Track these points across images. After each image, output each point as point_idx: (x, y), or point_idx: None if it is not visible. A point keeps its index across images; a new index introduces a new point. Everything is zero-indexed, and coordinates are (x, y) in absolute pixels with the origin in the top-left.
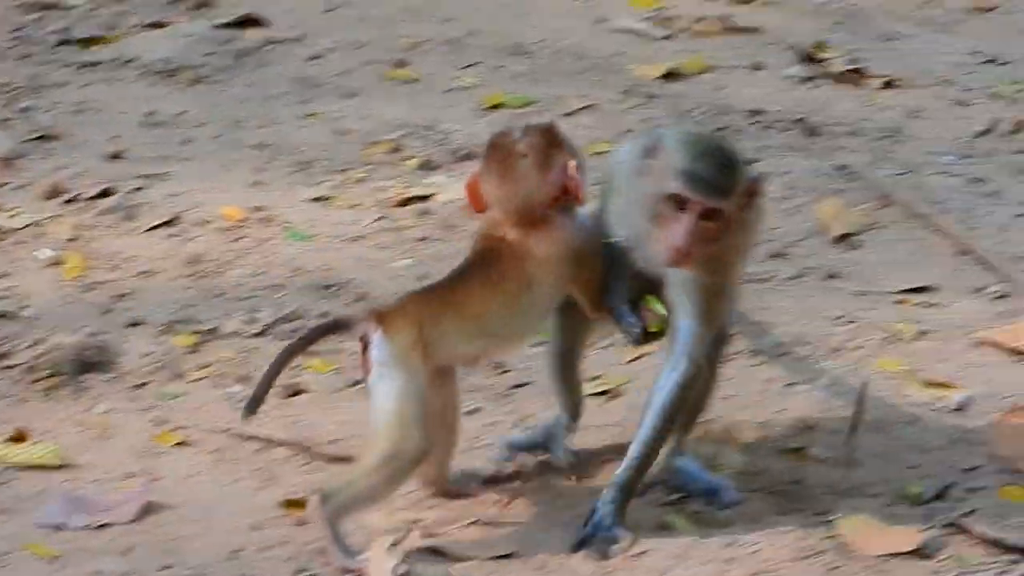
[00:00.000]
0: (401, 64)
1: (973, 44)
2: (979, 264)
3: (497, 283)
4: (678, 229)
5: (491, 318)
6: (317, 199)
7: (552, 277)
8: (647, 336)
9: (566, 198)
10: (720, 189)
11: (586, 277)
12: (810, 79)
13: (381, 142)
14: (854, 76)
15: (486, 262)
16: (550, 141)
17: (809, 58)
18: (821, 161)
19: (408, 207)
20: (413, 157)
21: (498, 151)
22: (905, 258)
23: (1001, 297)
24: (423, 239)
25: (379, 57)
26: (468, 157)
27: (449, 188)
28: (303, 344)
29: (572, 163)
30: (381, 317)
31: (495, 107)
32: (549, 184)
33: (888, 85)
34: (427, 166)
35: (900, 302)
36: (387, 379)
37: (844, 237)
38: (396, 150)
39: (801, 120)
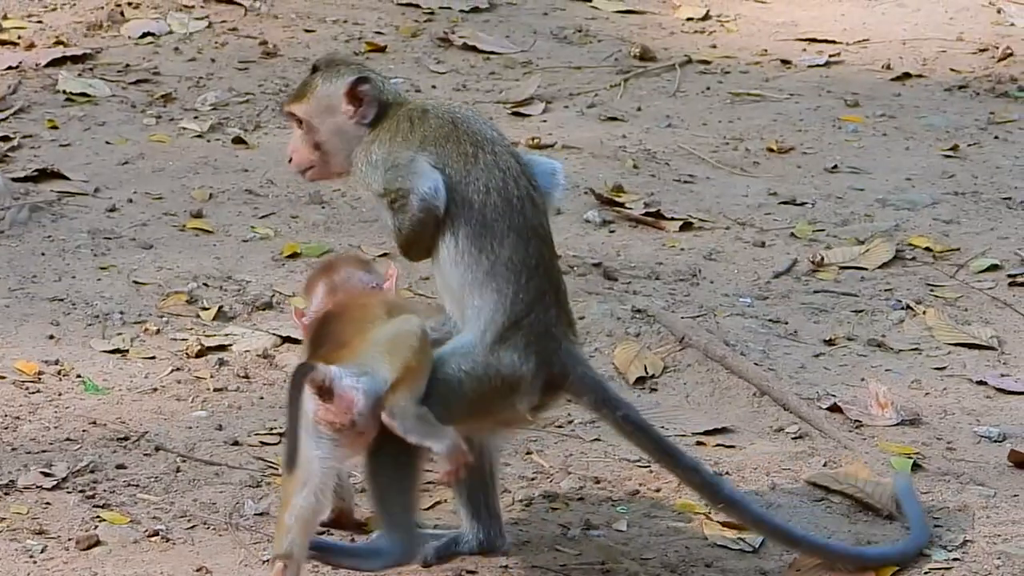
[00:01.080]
0: (198, 215)
1: (770, 185)
2: (777, 405)
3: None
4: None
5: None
6: (113, 351)
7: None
8: None
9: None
10: (291, 95)
11: None
12: (608, 222)
13: (177, 293)
14: (652, 219)
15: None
16: (317, 276)
17: (607, 201)
18: (618, 304)
19: (204, 358)
20: (209, 308)
21: (328, 268)
22: (703, 400)
23: (799, 437)
24: (220, 390)
25: (176, 208)
26: (266, 306)
27: (246, 338)
28: (296, 394)
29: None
30: (328, 357)
31: (292, 256)
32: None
33: (686, 227)
34: (223, 316)
35: (699, 443)
36: (369, 376)
37: (642, 380)
38: (192, 301)
39: (599, 264)
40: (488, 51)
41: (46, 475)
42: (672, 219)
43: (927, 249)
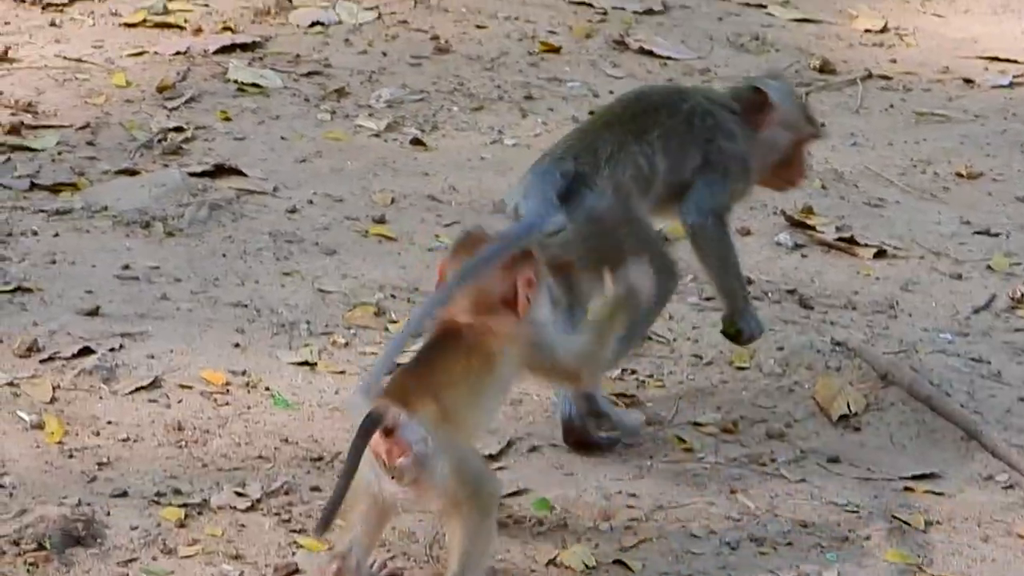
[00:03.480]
0: (380, 221)
1: (962, 213)
2: (986, 451)
3: (463, 357)
4: (801, 156)
5: (461, 392)
6: (301, 364)
7: (507, 362)
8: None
9: (513, 304)
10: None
11: (546, 367)
12: (800, 246)
13: (364, 304)
14: (845, 244)
15: (448, 340)
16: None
17: (798, 223)
18: (817, 336)
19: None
20: (397, 321)
21: (471, 240)
22: (908, 442)
23: (1010, 487)
24: None
25: (357, 212)
26: None
27: None
28: (361, 445)
29: (530, 277)
30: (400, 399)
31: None
32: (507, 283)
33: (880, 255)
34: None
35: (907, 489)
36: (438, 452)
37: (845, 417)
38: (380, 313)
39: (793, 291)
40: (665, 56)
41: (240, 495)
42: (866, 245)
43: None
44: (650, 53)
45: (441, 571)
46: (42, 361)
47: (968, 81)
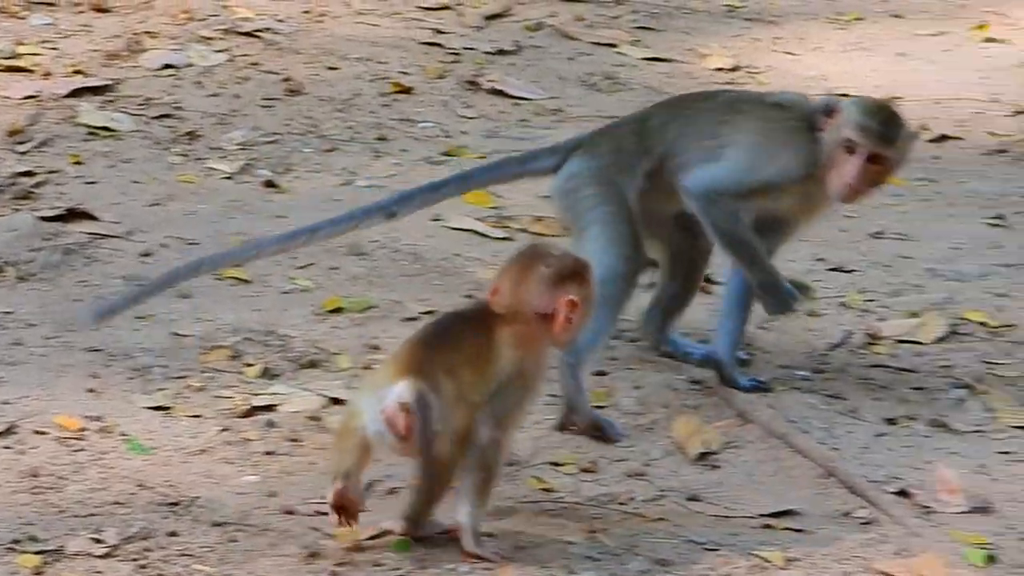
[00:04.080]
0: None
1: (816, 250)
2: (844, 487)
3: (478, 346)
4: (851, 170)
5: (466, 377)
6: (156, 408)
7: (509, 373)
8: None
9: (552, 324)
10: (888, 137)
11: (513, 392)
12: (654, 285)
13: (219, 347)
14: (704, 283)
15: (478, 321)
16: (576, 270)
17: (653, 263)
18: (674, 375)
19: (252, 418)
20: (253, 364)
21: (532, 252)
22: (767, 479)
23: (868, 523)
24: (270, 453)
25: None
26: (311, 364)
27: (294, 399)
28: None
29: (574, 300)
30: (406, 367)
31: (334, 311)
32: (548, 299)
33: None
34: (268, 374)
35: (767, 526)
36: (437, 415)
37: (703, 456)
38: (236, 356)
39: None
40: (517, 96)
41: (96, 541)
42: (717, 282)
43: (982, 324)
44: (502, 93)
45: None
46: None
47: None
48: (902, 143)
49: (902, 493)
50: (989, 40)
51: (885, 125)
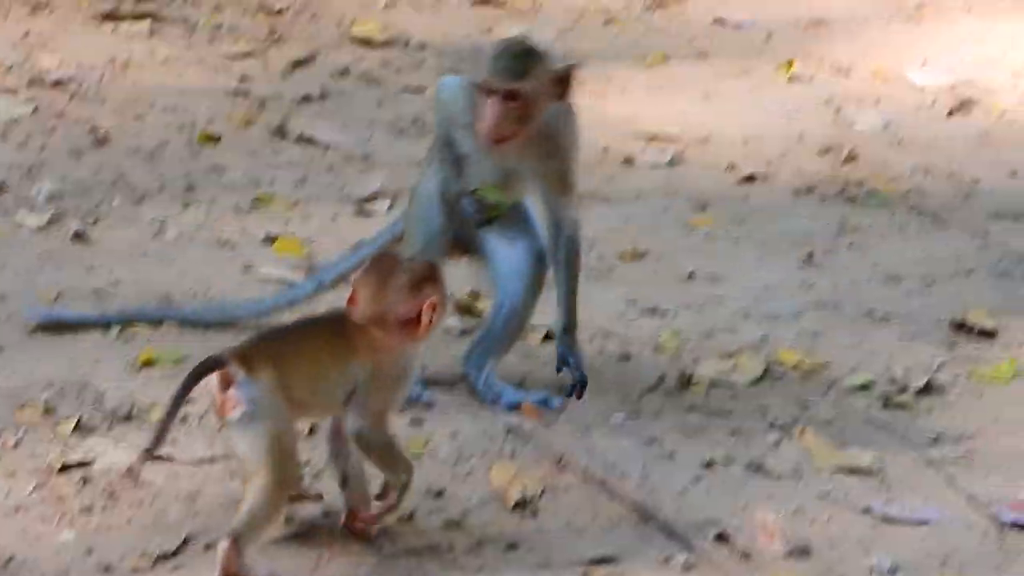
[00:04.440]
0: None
1: (628, 293)
2: (662, 532)
3: (326, 343)
4: (486, 112)
5: (305, 372)
6: None
7: (366, 374)
8: (488, 219)
9: (414, 328)
10: (514, 71)
11: (373, 389)
12: (467, 332)
13: (32, 402)
14: None
15: (327, 324)
16: (431, 274)
17: (465, 309)
18: (490, 423)
19: (67, 474)
20: (67, 419)
21: (385, 260)
22: (587, 525)
23: (688, 568)
24: (86, 509)
25: (22, 309)
26: (126, 418)
27: (108, 453)
28: (191, 382)
29: (434, 301)
30: (245, 358)
31: (148, 364)
32: (409, 304)
33: (548, 337)
34: (83, 429)
35: (585, 574)
36: (258, 417)
37: (521, 504)
38: (49, 411)
39: (464, 377)
40: (326, 143)
41: None
42: (533, 328)
43: (796, 365)
44: (311, 140)
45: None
46: None
47: (628, 160)
48: (536, 75)
49: (721, 537)
50: (794, 79)
51: (509, 59)
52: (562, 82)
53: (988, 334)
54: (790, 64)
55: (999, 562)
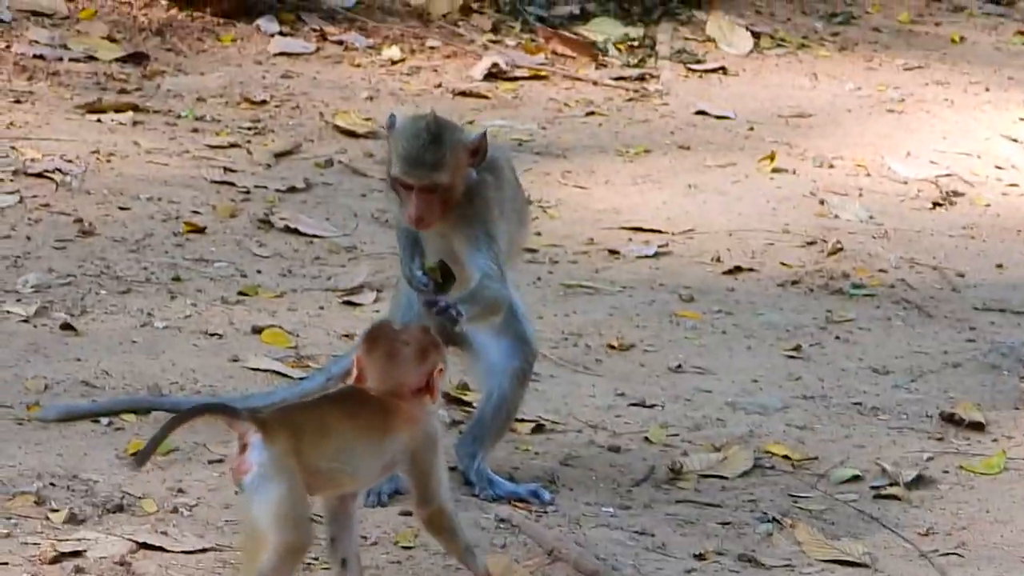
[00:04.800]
0: (35, 407)
1: (616, 385)
2: None
3: (356, 417)
4: (409, 203)
5: (341, 448)
6: None
7: (399, 444)
8: (437, 289)
9: (426, 392)
10: (427, 164)
11: (423, 468)
12: (458, 423)
13: (23, 493)
14: None
15: (354, 398)
16: (432, 340)
17: (453, 400)
18: (480, 513)
19: (59, 564)
20: (58, 510)
21: (384, 334)
22: None
23: None
24: None
25: (10, 400)
26: (117, 509)
27: (100, 544)
28: (189, 414)
29: (441, 367)
30: (262, 423)
31: (137, 454)
32: (420, 374)
33: (538, 429)
34: (74, 520)
35: None
36: (271, 481)
37: None
38: (40, 502)
39: (454, 468)
40: (311, 234)
41: None
42: (522, 420)
43: (785, 457)
44: (296, 231)
45: None
46: None
47: (613, 252)
48: (449, 160)
49: None
50: (777, 171)
51: (421, 152)
52: (476, 152)
53: (977, 426)
54: (773, 156)
55: None
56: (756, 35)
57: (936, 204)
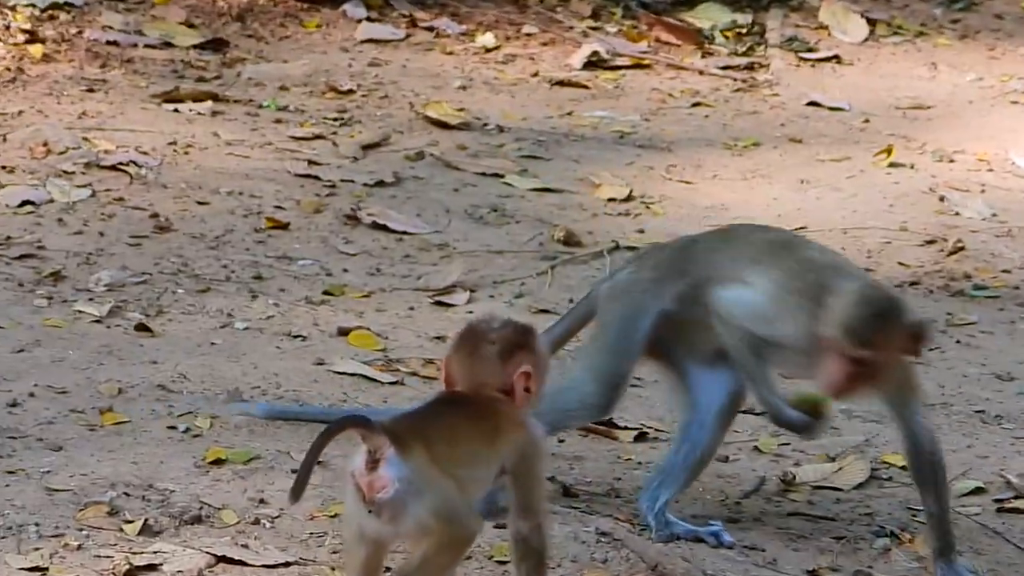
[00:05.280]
0: (108, 412)
1: None
2: None
3: (476, 420)
4: (835, 369)
5: (470, 453)
6: (32, 569)
7: (508, 448)
8: (814, 423)
9: (515, 396)
10: (867, 339)
11: (525, 477)
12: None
13: (96, 503)
14: (604, 427)
15: (467, 401)
16: (522, 340)
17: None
18: (581, 526)
19: None
20: (132, 521)
21: (473, 332)
22: None
23: None
24: None
25: (83, 404)
26: (195, 520)
27: (177, 557)
28: (335, 430)
29: (529, 368)
30: (395, 436)
31: (216, 462)
32: (504, 376)
33: (641, 437)
34: (149, 531)
35: None
36: (423, 493)
37: None
38: (113, 512)
39: (553, 478)
40: (400, 231)
41: None
42: (625, 428)
43: (903, 468)
44: (384, 228)
45: None
46: None
47: None
48: (892, 343)
49: None
50: (894, 165)
51: (867, 325)
52: (915, 340)
53: None
54: (890, 150)
55: None
56: (871, 22)
57: None
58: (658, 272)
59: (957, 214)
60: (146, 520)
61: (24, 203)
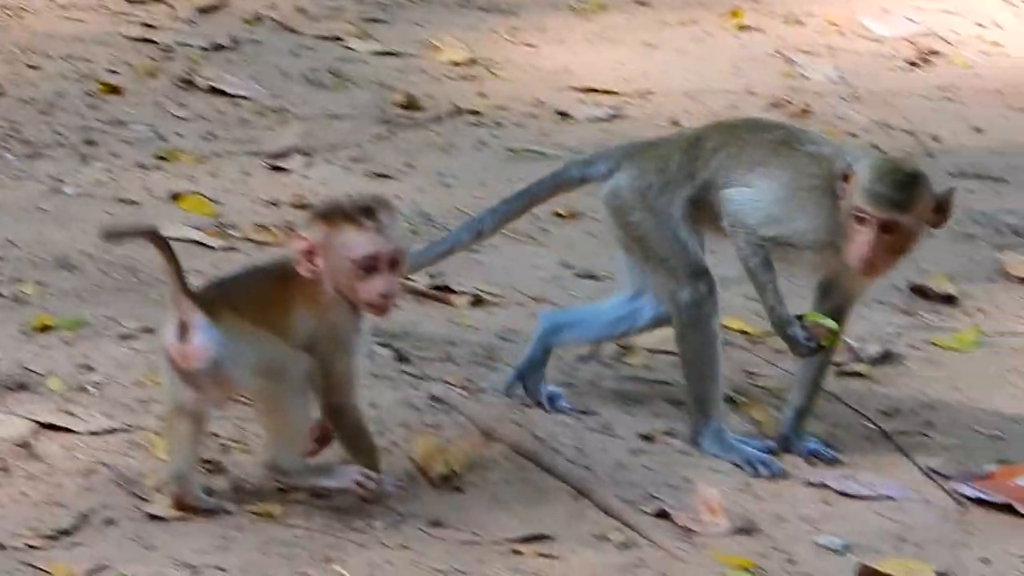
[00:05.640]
0: None
1: (563, 256)
2: (598, 509)
3: (276, 289)
4: (864, 242)
5: (263, 324)
6: None
7: (312, 330)
8: (816, 349)
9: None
10: (897, 203)
11: (323, 354)
12: None
13: None
14: (439, 293)
15: (272, 271)
16: (330, 212)
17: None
18: (413, 391)
19: None
20: None
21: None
22: (516, 502)
23: (626, 546)
24: None
25: None
26: (20, 387)
27: (1, 425)
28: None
29: (311, 243)
30: (202, 302)
31: (43, 329)
32: (294, 243)
33: (477, 303)
34: None
35: (516, 552)
36: (235, 352)
37: (446, 478)
38: None
39: (387, 345)
40: (236, 95)
41: None
42: (461, 293)
43: (742, 332)
44: (221, 92)
45: None
46: None
47: (563, 114)
48: (921, 207)
49: (661, 514)
50: (742, 28)
51: (895, 189)
52: (941, 209)
53: (948, 300)
54: (737, 13)
55: (959, 539)
56: None
57: (912, 64)
58: (666, 176)
59: (804, 77)
60: None
61: None
